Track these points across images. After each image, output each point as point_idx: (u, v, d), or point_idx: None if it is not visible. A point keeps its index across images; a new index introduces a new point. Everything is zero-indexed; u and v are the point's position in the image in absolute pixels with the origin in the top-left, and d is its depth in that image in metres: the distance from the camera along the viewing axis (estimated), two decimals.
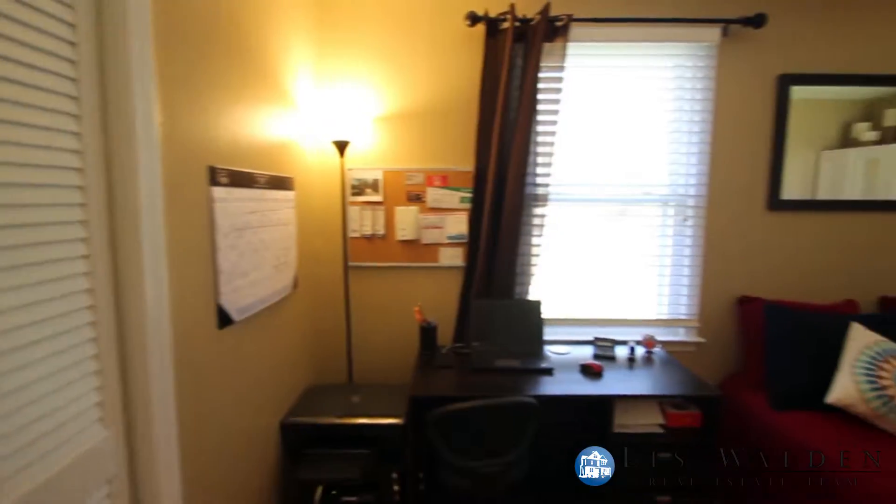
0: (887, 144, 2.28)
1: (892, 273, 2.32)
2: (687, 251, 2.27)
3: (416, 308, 2.12)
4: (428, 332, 2.09)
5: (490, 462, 1.60)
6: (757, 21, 2.08)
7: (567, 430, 2.03)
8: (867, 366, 1.82)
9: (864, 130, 2.28)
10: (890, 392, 1.75)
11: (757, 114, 2.22)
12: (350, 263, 2.20)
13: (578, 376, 1.87)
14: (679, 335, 2.30)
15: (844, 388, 1.82)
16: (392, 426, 1.74)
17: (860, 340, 1.90)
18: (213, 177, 1.29)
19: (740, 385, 2.16)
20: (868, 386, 1.78)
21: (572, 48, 2.09)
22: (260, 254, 1.57)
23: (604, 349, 2.10)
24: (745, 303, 2.23)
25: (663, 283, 2.31)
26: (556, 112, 2.08)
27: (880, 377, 1.78)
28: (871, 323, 1.97)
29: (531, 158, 2.08)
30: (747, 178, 2.24)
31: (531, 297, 2.19)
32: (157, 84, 1.03)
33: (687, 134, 2.22)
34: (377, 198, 2.19)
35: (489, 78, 2.09)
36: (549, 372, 1.89)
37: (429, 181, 2.20)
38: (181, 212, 1.16)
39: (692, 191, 2.24)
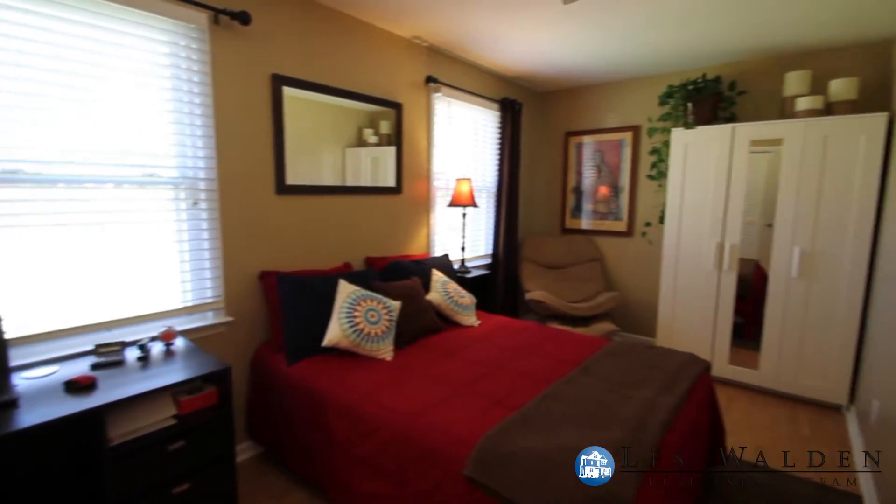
0: (383, 146, 3.09)
1: (373, 238, 3.18)
2: (205, 234, 2.27)
3: None
4: None
5: None
6: (242, 18, 2.26)
7: (48, 467, 1.65)
8: (347, 310, 2.41)
9: (370, 135, 3.00)
10: (360, 326, 2.38)
11: (258, 106, 2.44)
12: None
13: (62, 397, 1.52)
14: (208, 319, 2.30)
15: (334, 331, 2.35)
16: None
17: (344, 292, 2.49)
18: None
19: (268, 351, 2.42)
20: (348, 325, 2.37)
21: None
22: None
23: (108, 356, 1.80)
24: (264, 277, 2.48)
25: (185, 269, 2.23)
26: None
27: (355, 317, 2.40)
28: (353, 278, 2.63)
29: None
30: (257, 165, 2.45)
31: None
32: None
33: (189, 116, 2.18)
34: None
35: None
36: (11, 405, 1.43)
37: None
38: None
39: (202, 174, 2.23)
